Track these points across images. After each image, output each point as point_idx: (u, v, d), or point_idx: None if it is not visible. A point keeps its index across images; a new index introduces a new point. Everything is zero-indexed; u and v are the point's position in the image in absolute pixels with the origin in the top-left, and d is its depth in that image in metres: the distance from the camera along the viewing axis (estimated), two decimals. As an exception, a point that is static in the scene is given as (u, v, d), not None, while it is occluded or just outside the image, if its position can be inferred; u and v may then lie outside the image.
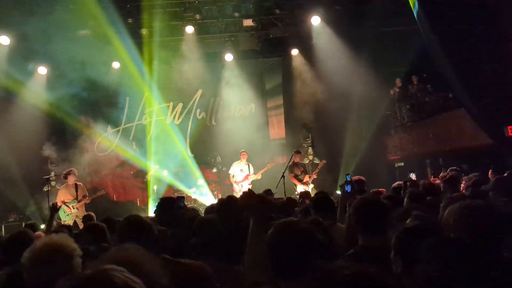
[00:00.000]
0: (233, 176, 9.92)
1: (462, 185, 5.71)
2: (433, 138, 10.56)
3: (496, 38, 8.14)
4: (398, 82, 11.51)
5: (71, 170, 9.17)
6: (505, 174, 5.99)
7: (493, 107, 8.25)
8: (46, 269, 1.91)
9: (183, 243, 3.05)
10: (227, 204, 3.65)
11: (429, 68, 10.31)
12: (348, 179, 5.56)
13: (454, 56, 8.24)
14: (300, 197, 6.81)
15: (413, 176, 9.54)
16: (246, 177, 9.82)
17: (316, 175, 9.62)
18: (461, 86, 8.62)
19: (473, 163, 8.79)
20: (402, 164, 11.49)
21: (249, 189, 3.62)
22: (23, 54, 10.07)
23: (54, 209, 5.61)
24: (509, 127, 8.83)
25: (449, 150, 10.26)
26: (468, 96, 8.59)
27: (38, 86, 10.76)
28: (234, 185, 9.92)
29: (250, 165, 9.92)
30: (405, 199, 4.00)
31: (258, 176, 9.86)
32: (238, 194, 9.75)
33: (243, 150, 10.02)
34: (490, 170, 7.75)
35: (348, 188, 4.55)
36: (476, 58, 8.05)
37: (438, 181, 7.28)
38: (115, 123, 11.53)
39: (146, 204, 10.86)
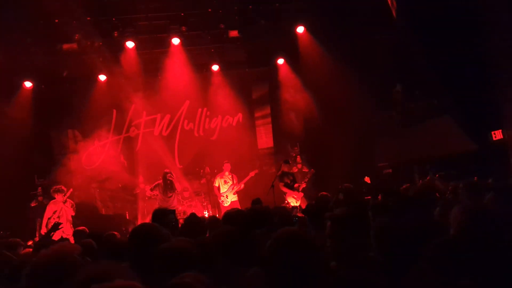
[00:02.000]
0: (218, 188, 9.94)
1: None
2: (420, 144, 10.66)
3: (478, 44, 8.29)
4: (398, 87, 11.44)
5: (58, 188, 8.94)
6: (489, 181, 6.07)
7: (478, 113, 8.38)
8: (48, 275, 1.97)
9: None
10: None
11: (415, 76, 10.43)
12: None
13: (438, 63, 8.38)
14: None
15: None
16: (231, 187, 9.87)
17: (305, 184, 9.65)
18: (446, 92, 8.75)
19: (459, 169, 8.88)
20: (390, 170, 11.55)
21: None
22: (7, 68, 9.97)
23: (55, 227, 5.50)
24: (493, 132, 8.98)
25: (436, 157, 10.36)
26: (453, 103, 8.73)
27: (23, 100, 10.66)
28: (219, 196, 9.94)
29: (234, 176, 9.96)
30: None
31: (241, 186, 9.88)
32: (223, 205, 9.79)
33: (225, 160, 10.05)
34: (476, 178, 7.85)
35: None
36: (459, 65, 8.19)
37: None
38: (102, 136, 11.45)
39: (136, 217, 10.79)
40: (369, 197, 5.98)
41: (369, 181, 8.72)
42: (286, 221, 3.79)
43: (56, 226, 5.54)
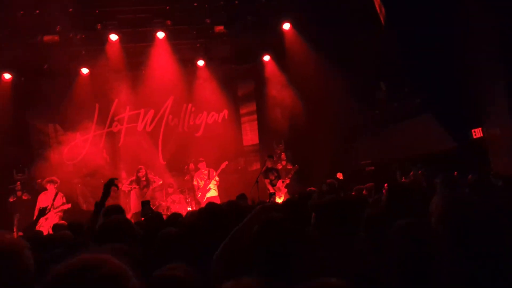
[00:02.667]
0: (197, 186, 10.17)
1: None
2: (402, 143, 10.81)
3: (459, 44, 8.46)
4: (382, 85, 11.57)
5: (51, 179, 9.14)
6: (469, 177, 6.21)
7: (458, 111, 8.54)
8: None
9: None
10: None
11: (398, 75, 10.57)
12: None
13: (420, 61, 8.51)
14: None
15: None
16: (206, 183, 10.01)
17: (289, 180, 9.70)
18: (428, 91, 8.90)
19: (440, 166, 9.05)
20: (372, 168, 11.70)
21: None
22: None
23: (42, 212, 5.47)
24: (473, 130, 9.17)
25: (417, 155, 10.53)
26: (435, 101, 8.88)
27: (2, 92, 10.38)
28: (197, 193, 10.18)
29: (211, 170, 10.06)
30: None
31: (215, 178, 9.97)
32: (201, 201, 9.89)
33: (200, 159, 10.21)
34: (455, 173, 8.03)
35: None
36: (440, 63, 8.33)
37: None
38: (84, 131, 11.24)
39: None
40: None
41: (341, 177, 8.81)
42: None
43: (42, 212, 5.49)
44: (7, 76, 10.37)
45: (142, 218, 4.96)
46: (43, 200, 9.07)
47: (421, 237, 2.05)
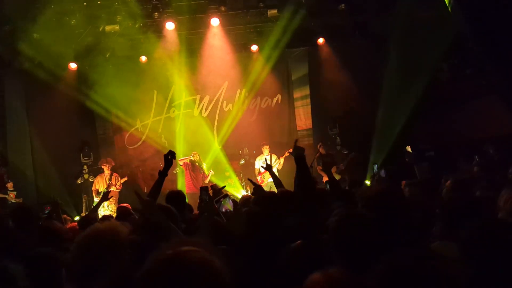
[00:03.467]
0: (258, 170, 10.18)
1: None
2: (466, 125, 10.29)
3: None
4: (444, 67, 11.00)
5: (105, 160, 9.71)
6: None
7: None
8: (93, 254, 1.95)
9: None
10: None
11: (461, 55, 10.00)
12: (376, 170, 5.48)
13: (488, 42, 7.99)
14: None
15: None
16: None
17: (344, 167, 9.57)
18: (496, 72, 8.37)
19: (506, 150, 8.54)
20: (432, 153, 11.23)
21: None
22: (55, 49, 10.23)
23: (105, 196, 5.75)
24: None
25: (481, 138, 9.98)
26: (503, 82, 8.34)
27: (69, 81, 11.01)
28: (257, 177, 10.15)
29: (273, 155, 10.03)
30: None
31: (279, 166, 9.91)
32: (262, 184, 9.93)
33: (263, 142, 10.18)
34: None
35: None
36: (506, 43, 7.78)
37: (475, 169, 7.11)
38: (144, 117, 11.71)
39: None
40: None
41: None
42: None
43: (105, 197, 5.77)
44: (73, 65, 10.95)
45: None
46: (99, 182, 9.77)
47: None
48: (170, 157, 3.53)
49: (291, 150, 9.19)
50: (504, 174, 5.22)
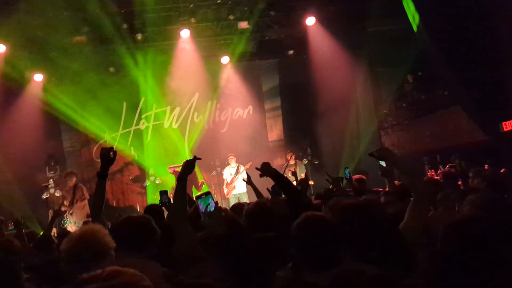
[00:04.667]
0: (225, 180, 10.43)
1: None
2: (430, 135, 10.66)
3: (489, 36, 8.25)
4: (410, 78, 11.38)
5: (69, 172, 9.28)
6: (502, 170, 6.09)
7: (488, 104, 8.34)
8: (79, 258, 2.08)
9: None
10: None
11: (426, 66, 10.39)
12: (347, 174, 5.57)
13: (449, 54, 8.34)
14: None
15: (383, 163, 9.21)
16: (232, 180, 10.14)
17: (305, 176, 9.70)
18: (457, 83, 8.72)
19: (470, 159, 8.88)
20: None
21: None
22: (19, 61, 9.97)
23: (54, 217, 5.62)
24: (504, 123, 8.93)
25: (446, 147, 10.35)
26: (464, 93, 8.69)
27: (34, 93, 10.70)
28: (224, 188, 10.41)
29: (241, 166, 10.15)
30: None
31: (243, 176, 10.03)
32: (227, 197, 10.20)
33: (230, 154, 10.37)
34: (486, 166, 7.87)
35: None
36: (470, 55, 8.15)
37: (436, 177, 7.37)
38: (112, 129, 11.49)
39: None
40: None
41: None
42: None
43: (56, 215, 5.68)
44: (38, 77, 10.66)
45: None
46: (64, 198, 9.10)
47: None
48: (111, 153, 3.10)
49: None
50: (466, 182, 5.42)
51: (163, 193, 4.46)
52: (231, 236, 2.45)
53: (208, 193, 3.01)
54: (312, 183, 9.71)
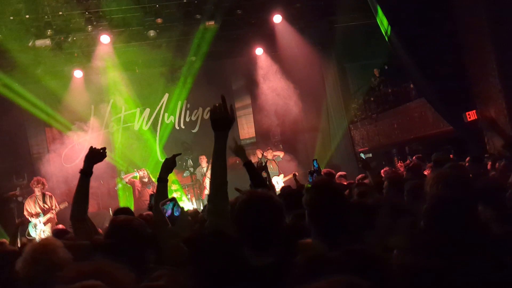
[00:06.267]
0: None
1: (426, 171, 5.98)
2: (398, 128, 10.91)
3: (451, 29, 8.53)
4: (376, 73, 11.57)
5: (37, 179, 8.85)
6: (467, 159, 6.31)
7: (451, 95, 8.61)
8: (37, 268, 2.08)
9: None
10: None
11: (392, 61, 10.63)
12: (315, 165, 5.66)
13: (413, 48, 8.56)
14: None
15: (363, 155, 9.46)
16: (203, 179, 10.21)
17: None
18: (421, 76, 8.96)
19: (436, 149, 9.14)
20: (370, 155, 11.80)
21: None
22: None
23: (18, 225, 5.52)
24: (467, 113, 9.24)
25: (413, 139, 10.63)
26: (428, 86, 8.94)
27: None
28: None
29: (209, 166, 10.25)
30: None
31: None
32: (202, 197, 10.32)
33: (201, 155, 10.56)
34: (451, 155, 8.14)
35: (310, 179, 4.66)
36: (433, 48, 8.39)
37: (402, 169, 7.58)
38: (81, 133, 11.27)
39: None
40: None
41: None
42: None
43: (18, 226, 5.59)
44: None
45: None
46: (30, 206, 8.67)
47: None
48: (102, 151, 3.02)
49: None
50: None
51: (153, 196, 4.32)
52: (192, 240, 2.45)
53: (172, 199, 2.95)
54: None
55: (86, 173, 2.87)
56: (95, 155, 2.95)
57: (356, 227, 2.27)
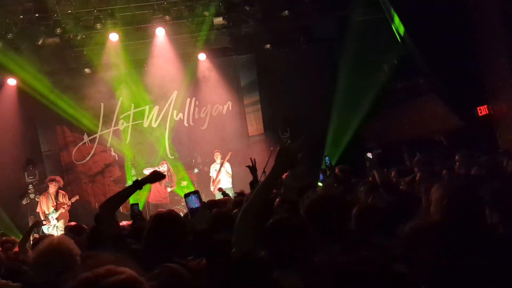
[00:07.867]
0: (212, 178, 10.47)
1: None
2: (408, 124, 10.80)
3: (461, 20, 8.42)
4: (385, 68, 11.47)
5: (53, 178, 9.23)
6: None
7: (463, 90, 8.50)
8: (49, 268, 2.24)
9: None
10: None
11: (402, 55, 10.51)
12: (327, 162, 5.58)
13: (424, 42, 8.47)
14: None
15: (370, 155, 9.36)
16: (217, 175, 10.21)
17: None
18: (431, 70, 8.86)
19: (447, 146, 9.04)
20: (380, 151, 11.67)
21: None
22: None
23: (35, 225, 5.60)
24: (478, 108, 9.12)
25: (423, 135, 10.51)
26: (438, 80, 8.84)
27: (8, 98, 10.50)
28: (211, 186, 10.42)
29: (226, 163, 10.22)
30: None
31: (228, 170, 10.27)
32: (214, 193, 10.14)
33: (215, 150, 10.40)
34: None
35: (321, 176, 4.60)
36: (445, 44, 8.29)
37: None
38: (91, 131, 11.35)
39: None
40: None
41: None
42: None
43: (35, 225, 5.67)
44: (11, 81, 10.47)
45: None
46: (43, 202, 9.16)
47: None
48: (163, 174, 3.26)
49: (228, 156, 9.19)
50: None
51: (134, 205, 4.46)
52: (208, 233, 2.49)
53: (195, 192, 3.02)
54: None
55: (138, 186, 3.05)
56: (156, 177, 3.15)
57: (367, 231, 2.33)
